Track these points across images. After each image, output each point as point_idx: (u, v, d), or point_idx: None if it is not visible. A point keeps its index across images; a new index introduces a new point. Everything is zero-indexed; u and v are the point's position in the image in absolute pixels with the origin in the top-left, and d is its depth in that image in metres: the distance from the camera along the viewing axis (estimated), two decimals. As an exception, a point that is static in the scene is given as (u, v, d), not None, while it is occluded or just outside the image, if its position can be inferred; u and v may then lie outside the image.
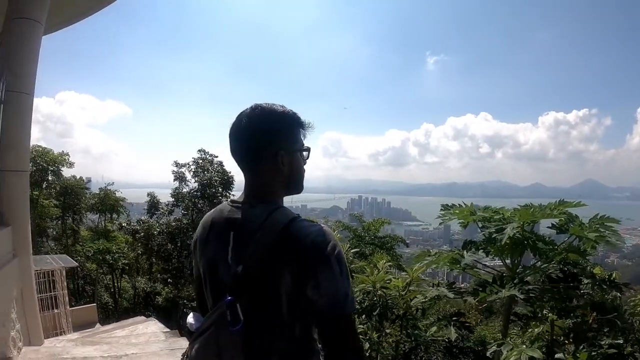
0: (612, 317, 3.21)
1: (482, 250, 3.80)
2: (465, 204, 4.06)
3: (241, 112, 1.54)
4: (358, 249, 11.74)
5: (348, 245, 6.98)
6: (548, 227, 3.62)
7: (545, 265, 3.64)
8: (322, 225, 1.44)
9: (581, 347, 2.99)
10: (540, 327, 2.99)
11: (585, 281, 3.58)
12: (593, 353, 2.85)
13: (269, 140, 1.50)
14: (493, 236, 3.50)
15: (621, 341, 3.06)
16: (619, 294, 3.55)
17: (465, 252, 3.77)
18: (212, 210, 1.65)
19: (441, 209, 4.16)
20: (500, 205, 4.11)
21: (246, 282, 1.37)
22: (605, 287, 3.42)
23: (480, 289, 3.34)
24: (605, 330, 3.22)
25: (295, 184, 1.62)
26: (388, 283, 4.24)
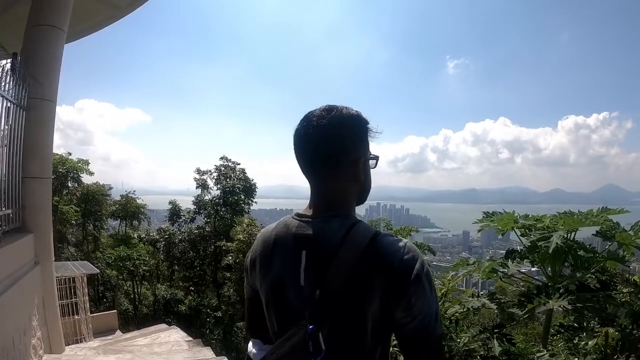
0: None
1: (526, 260, 3.64)
2: (505, 212, 3.91)
3: (312, 113, 1.37)
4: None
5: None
6: (593, 234, 3.47)
7: (581, 274, 3.48)
8: (407, 240, 1.30)
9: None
10: (595, 340, 2.83)
11: (625, 290, 3.43)
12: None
13: (351, 144, 1.35)
14: (539, 244, 3.34)
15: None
16: None
17: (509, 261, 3.61)
18: (273, 225, 1.48)
19: (483, 217, 4.01)
20: (519, 211, 4.00)
21: (328, 307, 1.22)
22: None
23: (525, 299, 3.18)
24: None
25: (366, 194, 1.48)
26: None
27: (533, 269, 4.03)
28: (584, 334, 3.15)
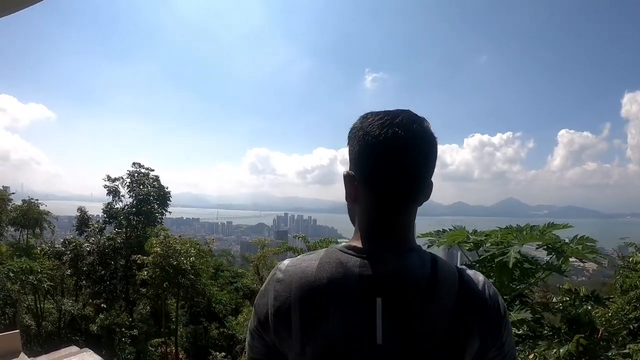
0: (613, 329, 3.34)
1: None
2: (455, 228, 4.11)
3: (395, 117, 1.05)
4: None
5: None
6: (544, 248, 3.72)
7: (521, 286, 3.74)
8: (477, 271, 1.14)
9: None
10: (566, 347, 3.07)
11: (556, 299, 3.71)
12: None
13: (436, 160, 1.11)
14: (497, 259, 3.56)
15: (628, 350, 3.20)
16: (589, 307, 3.70)
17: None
18: (310, 262, 1.09)
19: (432, 232, 4.17)
20: (424, 222, 4.19)
21: None
22: (590, 302, 3.58)
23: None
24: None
25: None
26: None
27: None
28: (542, 341, 3.39)
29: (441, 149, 1.19)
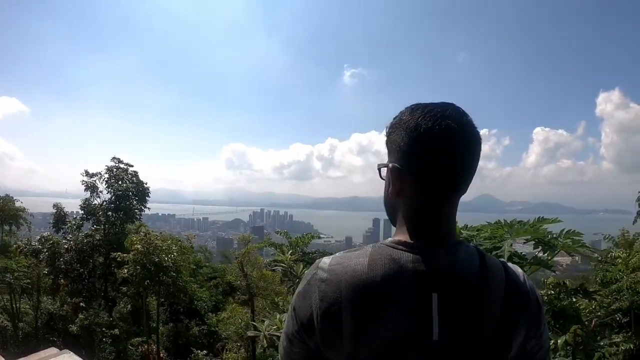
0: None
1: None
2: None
3: (448, 108, 1.06)
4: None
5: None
6: (534, 242, 3.83)
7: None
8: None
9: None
10: (563, 338, 3.20)
11: (547, 291, 3.86)
12: (597, 353, 3.10)
13: (480, 153, 1.09)
14: (494, 253, 3.65)
15: (619, 339, 3.35)
16: (574, 299, 3.84)
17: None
18: (357, 260, 1.03)
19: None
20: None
21: None
22: (578, 295, 3.72)
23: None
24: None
25: None
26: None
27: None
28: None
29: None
